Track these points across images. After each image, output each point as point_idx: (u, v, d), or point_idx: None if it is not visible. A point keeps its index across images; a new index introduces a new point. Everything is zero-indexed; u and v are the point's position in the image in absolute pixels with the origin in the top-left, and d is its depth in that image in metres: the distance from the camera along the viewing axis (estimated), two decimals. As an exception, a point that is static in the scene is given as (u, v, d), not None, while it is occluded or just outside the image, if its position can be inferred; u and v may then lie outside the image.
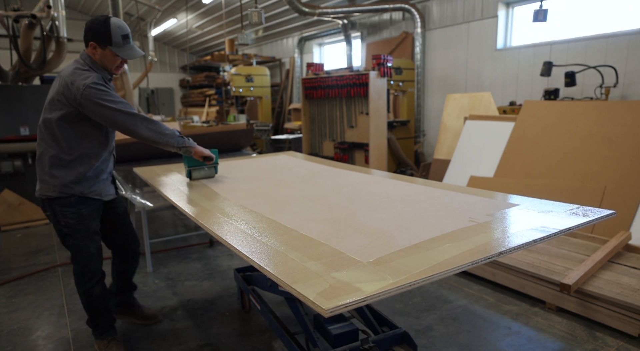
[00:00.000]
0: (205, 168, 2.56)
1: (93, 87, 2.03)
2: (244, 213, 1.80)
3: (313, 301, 0.94)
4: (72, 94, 2.03)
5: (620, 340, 2.46)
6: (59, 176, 2.16)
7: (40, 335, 2.70)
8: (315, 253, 1.28)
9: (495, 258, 1.21)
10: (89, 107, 2.04)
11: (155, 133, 2.18)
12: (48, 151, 2.16)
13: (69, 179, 2.17)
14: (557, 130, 4.09)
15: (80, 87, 2.01)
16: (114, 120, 2.09)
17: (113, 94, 2.10)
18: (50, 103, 2.13)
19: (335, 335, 1.88)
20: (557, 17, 5.80)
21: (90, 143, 2.21)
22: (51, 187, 2.17)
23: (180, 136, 2.27)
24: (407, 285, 1.01)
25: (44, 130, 2.16)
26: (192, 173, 2.54)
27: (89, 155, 2.21)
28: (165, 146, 2.23)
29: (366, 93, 5.29)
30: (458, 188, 2.19)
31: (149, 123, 2.16)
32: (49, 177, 2.17)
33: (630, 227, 3.30)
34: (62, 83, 2.07)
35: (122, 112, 2.08)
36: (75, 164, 2.18)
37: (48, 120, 2.13)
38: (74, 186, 2.19)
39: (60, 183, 2.16)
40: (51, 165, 2.16)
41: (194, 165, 2.52)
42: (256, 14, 6.33)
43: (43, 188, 2.19)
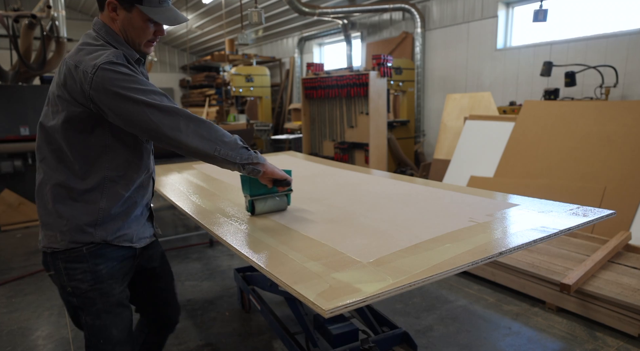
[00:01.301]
0: (276, 197, 1.74)
1: (109, 68, 1.24)
2: (244, 213, 1.80)
3: (313, 302, 0.94)
4: (77, 83, 1.26)
5: (620, 340, 2.46)
6: (67, 215, 1.35)
7: (40, 335, 2.70)
8: (315, 253, 1.28)
9: (496, 259, 1.21)
10: (103, 102, 1.25)
11: (209, 141, 1.36)
12: (51, 177, 1.37)
13: (84, 219, 1.36)
14: (557, 130, 4.09)
15: (89, 69, 1.24)
16: (142, 122, 1.27)
17: (141, 80, 1.30)
18: (49, 104, 1.38)
19: (336, 335, 1.88)
20: (557, 17, 5.79)
21: (116, 162, 1.39)
22: (57, 233, 1.36)
23: (244, 146, 1.45)
24: (407, 286, 1.01)
25: (44, 145, 1.37)
26: (256, 206, 1.71)
27: (115, 180, 1.40)
28: (221, 162, 1.42)
29: (366, 93, 5.29)
30: (458, 188, 2.19)
31: (198, 126, 1.35)
32: (53, 217, 1.37)
33: (630, 227, 3.30)
34: (64, 69, 1.31)
35: (157, 107, 1.28)
36: (94, 196, 1.37)
37: (48, 129, 1.35)
38: (92, 230, 1.37)
39: (70, 227, 1.35)
40: (56, 198, 1.36)
41: (259, 192, 1.70)
42: (256, 14, 6.33)
43: (47, 237, 1.39)
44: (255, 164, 1.48)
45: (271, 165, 1.53)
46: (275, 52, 12.21)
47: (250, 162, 1.46)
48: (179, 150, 1.35)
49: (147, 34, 1.40)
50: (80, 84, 1.26)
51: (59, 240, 1.36)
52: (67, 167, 1.36)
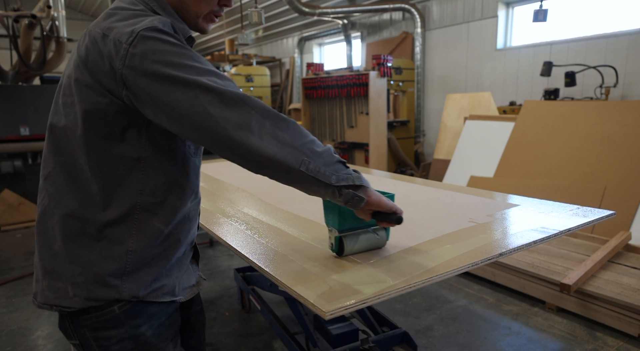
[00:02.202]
0: (375, 234, 1.21)
1: (153, 37, 0.84)
2: (244, 214, 1.80)
3: (313, 304, 0.94)
4: (105, 59, 0.85)
5: (620, 340, 2.46)
6: (83, 260, 0.93)
7: (40, 335, 2.70)
8: (315, 254, 1.28)
9: (496, 260, 1.21)
10: (141, 85, 0.84)
11: (293, 149, 0.90)
12: (58, 203, 0.94)
13: (106, 267, 0.93)
14: (557, 130, 4.09)
15: (123, 38, 0.84)
16: (195, 115, 0.84)
17: (197, 55, 0.89)
18: (60, 94, 0.95)
19: (336, 335, 1.88)
20: (557, 17, 5.79)
21: (152, 184, 0.95)
22: (68, 285, 0.93)
23: (340, 161, 0.96)
24: (407, 287, 1.01)
25: (50, 156, 0.96)
26: (346, 244, 1.17)
27: (150, 210, 0.96)
28: (307, 182, 0.93)
29: (366, 93, 5.29)
30: (458, 188, 2.19)
31: (277, 124, 0.90)
32: (61, 261, 0.94)
33: (630, 227, 3.31)
34: (86, 41, 0.90)
35: (219, 93, 0.85)
36: (120, 232, 0.94)
37: (58, 132, 0.94)
38: (117, 282, 0.94)
39: (86, 278, 0.93)
40: (66, 234, 0.93)
41: (351, 226, 1.18)
42: (256, 14, 6.33)
43: (52, 290, 0.95)
44: (356, 188, 0.96)
45: (376, 193, 1.00)
46: (275, 52, 12.21)
47: (350, 184, 0.94)
48: (245, 160, 0.90)
49: (209, 5, 0.99)
50: (110, 60, 0.84)
51: (70, 296, 0.92)
52: (82, 188, 0.91)
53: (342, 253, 1.20)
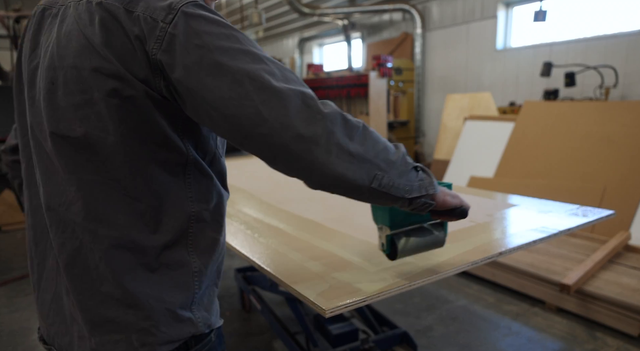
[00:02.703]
0: (433, 231, 1.03)
1: (196, 14, 0.65)
2: (244, 214, 1.81)
3: (313, 302, 0.95)
4: (132, 40, 0.65)
5: (620, 340, 2.46)
6: (146, 298, 0.73)
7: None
8: (315, 253, 1.29)
9: (495, 259, 1.21)
10: (183, 74, 0.64)
11: (366, 163, 0.71)
12: (96, 234, 0.71)
13: (173, 299, 0.75)
14: (557, 131, 4.09)
15: (159, 15, 0.64)
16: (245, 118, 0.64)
17: (246, 37, 0.69)
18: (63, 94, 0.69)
19: (336, 334, 1.89)
20: (557, 18, 5.80)
21: (202, 188, 0.79)
22: (133, 336, 0.73)
23: (414, 166, 0.79)
24: (407, 286, 1.02)
25: (65, 178, 0.72)
26: (399, 244, 0.99)
27: (203, 219, 0.79)
28: (377, 198, 0.75)
29: (366, 93, 5.30)
30: (458, 188, 2.19)
31: (348, 132, 0.70)
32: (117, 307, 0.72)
33: (630, 227, 3.31)
34: (98, 17, 0.67)
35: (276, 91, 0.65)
36: (179, 253, 0.76)
37: (75, 142, 0.70)
38: (188, 314, 0.77)
39: (155, 320, 0.73)
40: (119, 270, 0.71)
41: (404, 222, 0.99)
42: (256, 15, 6.34)
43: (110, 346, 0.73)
44: (429, 197, 0.80)
45: (443, 191, 0.85)
46: (275, 52, 12.22)
47: (425, 193, 0.78)
48: (305, 177, 0.72)
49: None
50: (140, 42, 0.65)
51: (136, 346, 0.73)
52: (125, 210, 0.71)
53: (396, 255, 1.00)
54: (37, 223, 0.80)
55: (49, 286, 0.79)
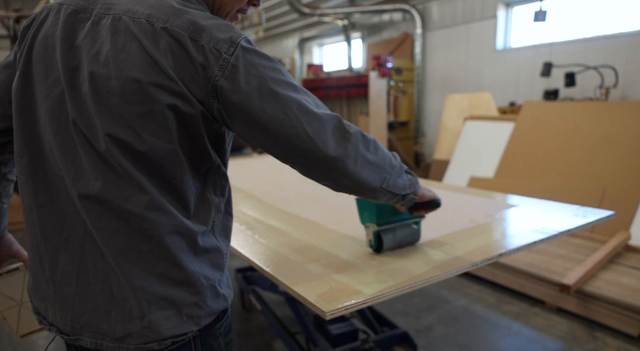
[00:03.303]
0: (412, 227, 1.27)
1: (253, 50, 0.80)
2: (244, 214, 1.81)
3: (313, 304, 0.95)
4: (196, 66, 0.76)
5: (620, 340, 2.46)
6: (198, 276, 0.84)
7: (41, 335, 2.70)
8: (315, 254, 1.29)
9: (495, 260, 1.22)
10: (239, 100, 0.78)
11: (379, 169, 0.94)
12: (157, 222, 0.79)
13: (215, 277, 0.87)
14: (557, 131, 4.10)
15: (222, 47, 0.77)
16: (292, 137, 0.82)
17: (287, 72, 0.85)
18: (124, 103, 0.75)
19: (336, 335, 1.89)
20: (557, 18, 5.80)
21: (220, 184, 0.92)
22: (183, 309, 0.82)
23: (407, 170, 1.05)
24: (407, 287, 1.02)
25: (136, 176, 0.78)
26: (385, 239, 1.21)
27: (221, 210, 0.92)
28: (382, 195, 0.99)
29: (366, 94, 5.30)
30: (458, 188, 2.19)
31: (367, 146, 0.92)
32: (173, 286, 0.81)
33: (630, 227, 3.31)
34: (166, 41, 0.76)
35: (316, 116, 0.84)
36: (211, 239, 0.89)
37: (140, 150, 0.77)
38: (223, 290, 0.89)
39: (205, 294, 0.84)
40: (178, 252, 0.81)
41: (388, 220, 1.21)
42: (256, 15, 6.35)
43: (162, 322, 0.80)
44: (414, 193, 1.06)
45: (423, 188, 1.10)
46: (275, 52, 12.22)
47: (413, 191, 1.05)
48: (335, 182, 0.90)
49: (241, 2, 0.93)
50: (203, 68, 0.76)
51: (184, 320, 0.82)
52: (179, 203, 0.83)
53: (382, 248, 1.22)
54: (47, 218, 0.83)
55: (69, 279, 0.82)
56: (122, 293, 0.79)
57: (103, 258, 0.80)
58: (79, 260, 0.81)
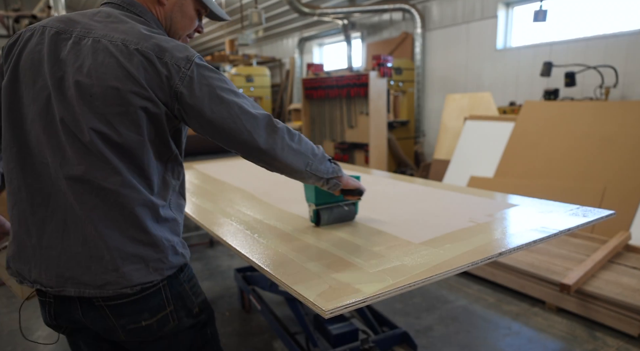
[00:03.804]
0: (343, 206, 1.56)
1: (203, 65, 1.04)
2: (244, 214, 1.81)
3: (313, 303, 0.95)
4: (161, 77, 1.00)
5: (620, 340, 2.46)
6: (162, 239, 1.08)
7: (40, 335, 2.70)
8: (315, 254, 1.29)
9: (495, 259, 1.21)
10: (193, 102, 1.02)
11: (302, 155, 1.18)
12: (130, 196, 1.02)
13: (176, 240, 1.13)
14: (557, 130, 4.09)
15: (181, 63, 1.01)
16: (234, 130, 1.06)
17: (230, 81, 1.11)
18: (104, 104, 0.98)
19: (335, 335, 1.89)
20: (557, 18, 5.80)
21: (177, 171, 1.16)
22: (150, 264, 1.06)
23: (329, 159, 1.29)
24: (407, 286, 1.02)
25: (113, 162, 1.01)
26: (322, 216, 1.53)
27: (177, 191, 1.18)
28: (308, 178, 1.24)
29: (366, 93, 5.29)
30: (458, 188, 2.19)
31: (292, 137, 1.16)
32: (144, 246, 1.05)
33: (630, 227, 3.31)
34: (138, 59, 0.99)
35: (252, 114, 1.08)
36: (170, 212, 1.14)
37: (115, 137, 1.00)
38: (181, 250, 1.15)
39: (168, 252, 1.09)
40: (146, 220, 1.06)
41: (325, 201, 1.52)
42: (256, 15, 6.34)
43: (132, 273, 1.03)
44: (338, 178, 1.31)
45: (346, 176, 1.36)
46: (275, 52, 12.22)
47: (335, 175, 1.29)
48: (265, 162, 1.14)
49: (192, 26, 1.21)
50: (167, 79, 1.00)
51: (149, 272, 1.05)
52: (147, 183, 1.05)
53: (320, 223, 1.54)
54: (34, 196, 1.04)
55: (54, 244, 1.03)
56: (100, 253, 1.01)
57: (84, 225, 1.01)
58: (62, 229, 1.02)
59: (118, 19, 1.06)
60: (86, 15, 1.08)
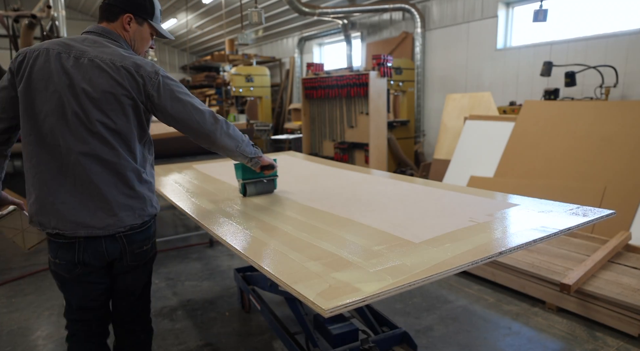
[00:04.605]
0: (264, 180, 2.10)
1: (167, 76, 1.54)
2: (244, 214, 1.80)
3: (313, 302, 0.94)
4: (139, 83, 1.47)
5: (620, 340, 2.46)
6: (145, 196, 1.57)
7: (40, 335, 2.70)
8: (315, 253, 1.29)
9: (495, 258, 1.21)
10: (160, 102, 1.51)
11: (235, 141, 1.71)
12: (122, 165, 1.50)
13: (152, 198, 1.63)
14: (557, 130, 4.09)
15: (152, 75, 1.49)
16: (188, 120, 1.56)
17: (184, 87, 1.61)
18: (103, 103, 1.45)
19: (335, 335, 1.88)
20: (557, 17, 5.80)
21: (152, 150, 1.67)
22: (136, 212, 1.56)
23: (252, 144, 1.86)
24: (406, 285, 1.01)
25: (111, 142, 1.48)
26: (248, 188, 2.08)
27: (151, 163, 1.68)
28: (237, 156, 1.78)
29: (366, 93, 5.29)
30: (458, 188, 2.19)
31: (228, 126, 1.68)
32: (134, 199, 1.54)
33: (630, 227, 3.30)
34: (123, 72, 1.46)
35: (200, 109, 1.58)
36: (148, 176, 1.62)
37: (112, 126, 1.48)
38: (155, 204, 1.64)
39: (147, 205, 1.59)
40: (135, 181, 1.54)
41: (250, 177, 2.05)
42: (256, 14, 6.33)
43: (124, 217, 1.51)
44: (259, 158, 1.90)
45: (265, 156, 1.96)
46: (275, 52, 12.21)
47: (257, 156, 1.88)
48: (209, 144, 1.67)
49: (148, 45, 1.72)
50: (143, 86, 1.49)
51: (136, 216, 1.55)
52: (133, 156, 1.54)
53: (246, 194, 2.10)
54: (51, 168, 1.47)
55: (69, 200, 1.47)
56: (103, 204, 1.49)
57: (90, 186, 1.47)
58: (74, 189, 1.47)
59: (102, 44, 1.52)
60: (77, 40, 1.51)
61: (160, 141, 2.57)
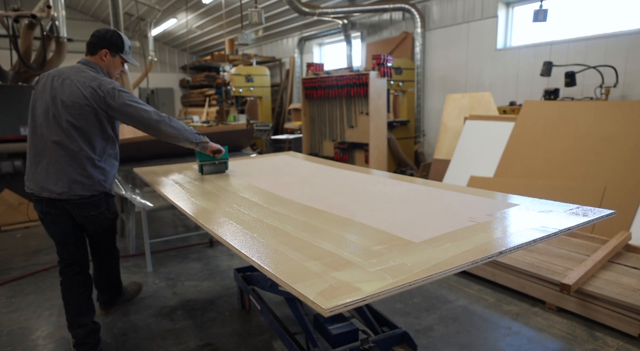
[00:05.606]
0: (215, 163, 2.79)
1: (122, 90, 2.27)
2: (243, 214, 1.80)
3: (313, 301, 0.94)
4: (100, 97, 2.21)
5: (620, 340, 2.46)
6: (95, 176, 2.31)
7: (40, 335, 2.70)
8: (315, 253, 1.28)
9: (495, 258, 1.21)
10: (118, 108, 2.24)
11: (177, 130, 2.40)
12: (82, 153, 2.26)
13: (102, 178, 2.34)
14: (557, 130, 4.09)
15: (110, 90, 2.22)
16: (139, 118, 2.28)
17: (134, 95, 2.34)
18: (73, 108, 2.20)
19: (335, 335, 1.88)
20: (557, 17, 5.80)
21: (112, 145, 2.41)
22: (86, 187, 2.28)
23: (196, 132, 2.54)
24: (406, 285, 1.01)
25: (74, 137, 2.22)
26: (204, 168, 2.79)
27: (111, 155, 2.43)
28: (183, 142, 2.48)
29: (366, 93, 5.29)
30: (458, 188, 2.19)
31: (171, 121, 2.38)
32: (85, 177, 2.27)
33: (630, 227, 3.30)
34: (89, 90, 2.21)
35: (147, 110, 2.30)
36: (103, 163, 2.35)
37: (79, 127, 2.22)
38: (105, 185, 2.38)
39: (96, 183, 2.32)
40: (88, 165, 2.28)
41: (206, 160, 2.74)
42: (256, 14, 6.33)
43: (74, 190, 2.25)
44: (204, 142, 2.60)
45: (213, 143, 2.64)
46: (275, 52, 12.21)
47: (201, 141, 2.58)
48: (156, 133, 2.37)
49: (119, 70, 2.51)
50: (104, 98, 2.23)
51: (85, 190, 2.26)
52: (92, 147, 2.27)
53: (203, 173, 2.79)
54: (38, 149, 2.26)
55: (43, 172, 2.24)
56: (63, 178, 2.22)
57: (56, 165, 2.22)
58: (47, 166, 2.23)
59: (83, 71, 2.30)
60: (69, 68, 2.32)
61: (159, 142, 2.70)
